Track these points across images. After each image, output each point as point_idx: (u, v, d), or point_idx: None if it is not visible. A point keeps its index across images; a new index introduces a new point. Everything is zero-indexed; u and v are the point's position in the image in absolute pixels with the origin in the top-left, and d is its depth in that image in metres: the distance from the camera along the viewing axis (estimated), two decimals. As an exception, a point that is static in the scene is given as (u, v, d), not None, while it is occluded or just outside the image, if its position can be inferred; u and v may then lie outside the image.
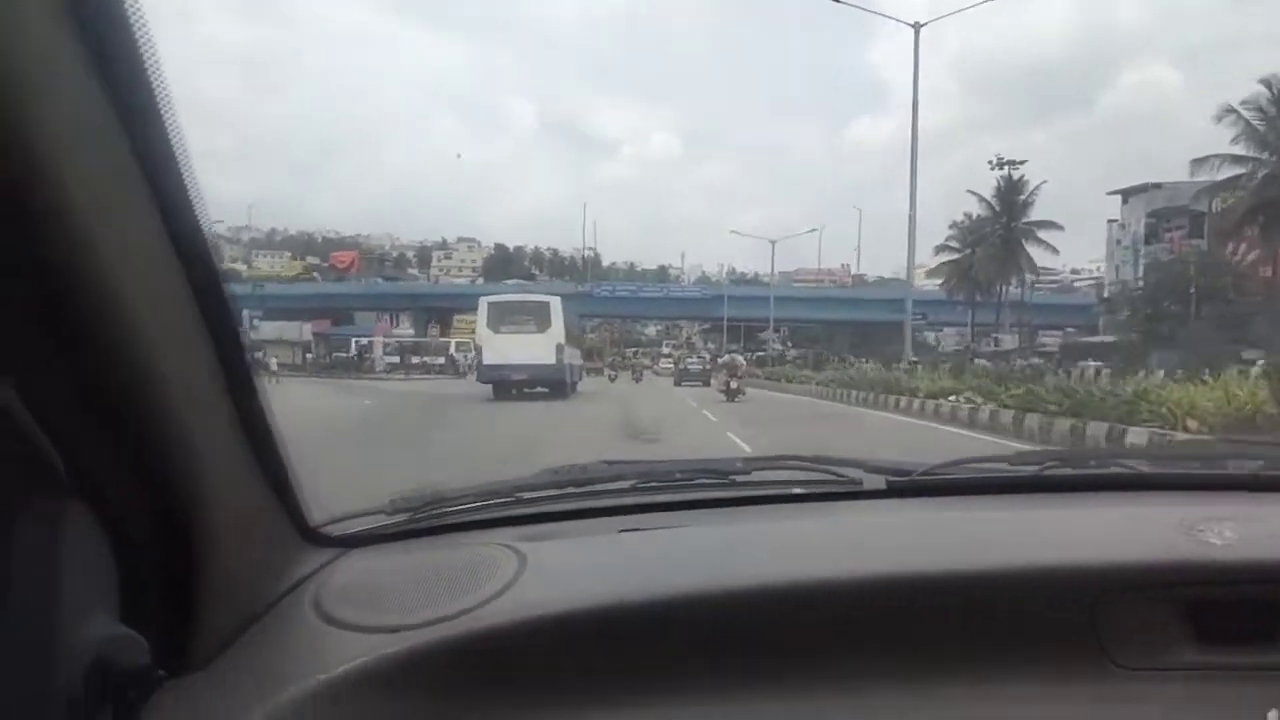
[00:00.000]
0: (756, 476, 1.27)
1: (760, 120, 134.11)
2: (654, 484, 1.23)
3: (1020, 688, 0.84)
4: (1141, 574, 0.89)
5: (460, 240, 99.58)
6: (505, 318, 22.44)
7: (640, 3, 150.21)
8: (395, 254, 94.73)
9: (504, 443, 9.37)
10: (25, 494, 0.59)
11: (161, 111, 0.57)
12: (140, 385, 0.61)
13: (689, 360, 39.02)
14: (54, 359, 0.56)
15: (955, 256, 44.52)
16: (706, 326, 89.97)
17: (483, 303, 22.29)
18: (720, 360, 24.71)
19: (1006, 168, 41.21)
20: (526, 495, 1.17)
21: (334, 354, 45.21)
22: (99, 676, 0.61)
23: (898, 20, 22.31)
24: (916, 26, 19.66)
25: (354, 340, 46.73)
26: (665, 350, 69.39)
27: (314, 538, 0.96)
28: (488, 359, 21.02)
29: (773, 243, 46.79)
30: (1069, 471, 1.28)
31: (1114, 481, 1.24)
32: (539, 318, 22.05)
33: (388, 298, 57.34)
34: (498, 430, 11.26)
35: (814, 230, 54.59)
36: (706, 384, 31.44)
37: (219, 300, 0.68)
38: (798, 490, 1.20)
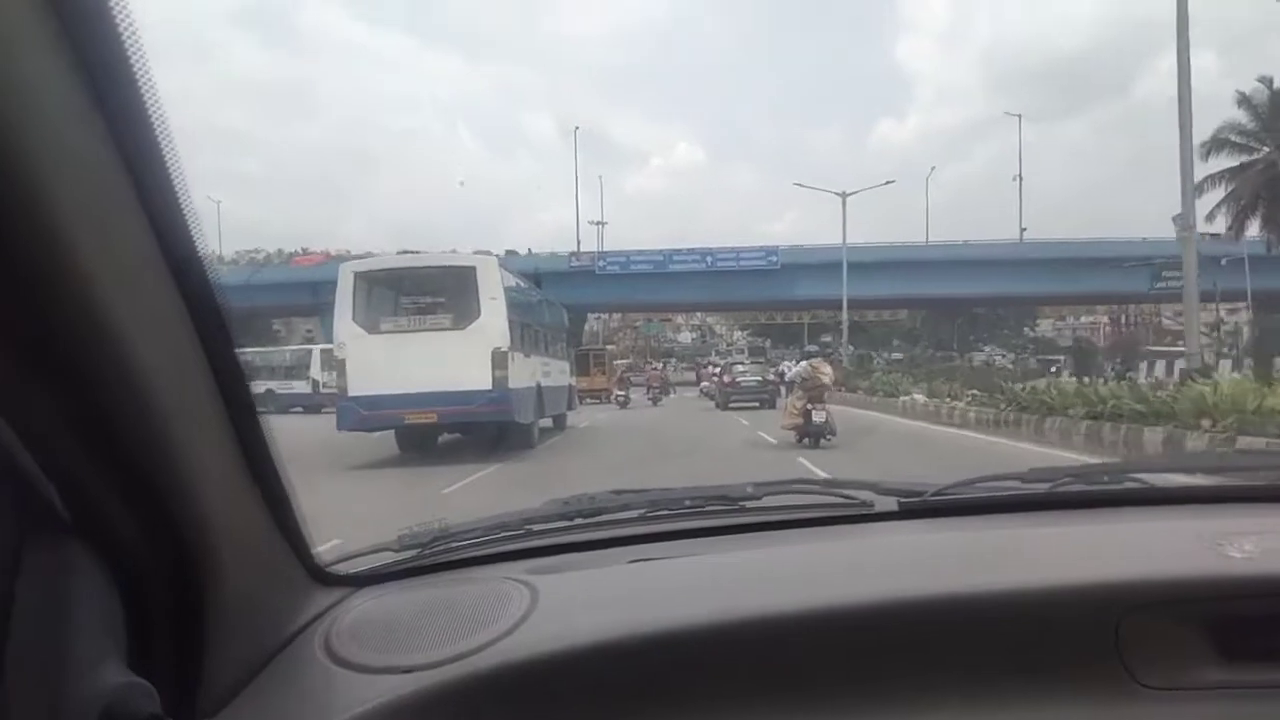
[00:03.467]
0: (768, 502, 1.42)
1: (784, 125, 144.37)
2: (664, 512, 1.42)
3: (1044, 710, 0.96)
4: (1164, 590, 1.01)
5: (476, 252, 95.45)
6: (389, 303, 14.35)
7: (658, 18, 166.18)
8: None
9: None
10: (26, 537, 0.66)
11: (157, 134, 0.64)
12: (141, 420, 0.68)
13: (737, 368, 28.89)
14: (50, 394, 0.63)
15: (1253, 156, 29.02)
16: (748, 328, 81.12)
17: (345, 272, 13.46)
18: (793, 370, 15.44)
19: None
20: (536, 527, 1.35)
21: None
22: None
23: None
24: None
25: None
26: (714, 358, 60.10)
27: (322, 577, 1.10)
28: (357, 385, 12.76)
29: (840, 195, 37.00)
30: (1083, 488, 1.44)
31: (1129, 497, 1.41)
32: (456, 298, 13.64)
33: (261, 290, 39.55)
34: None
35: (890, 182, 42.20)
36: (769, 405, 24.78)
37: (220, 330, 0.76)
38: (809, 514, 1.39)
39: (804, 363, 14.84)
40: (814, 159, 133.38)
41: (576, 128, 55.43)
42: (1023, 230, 48.99)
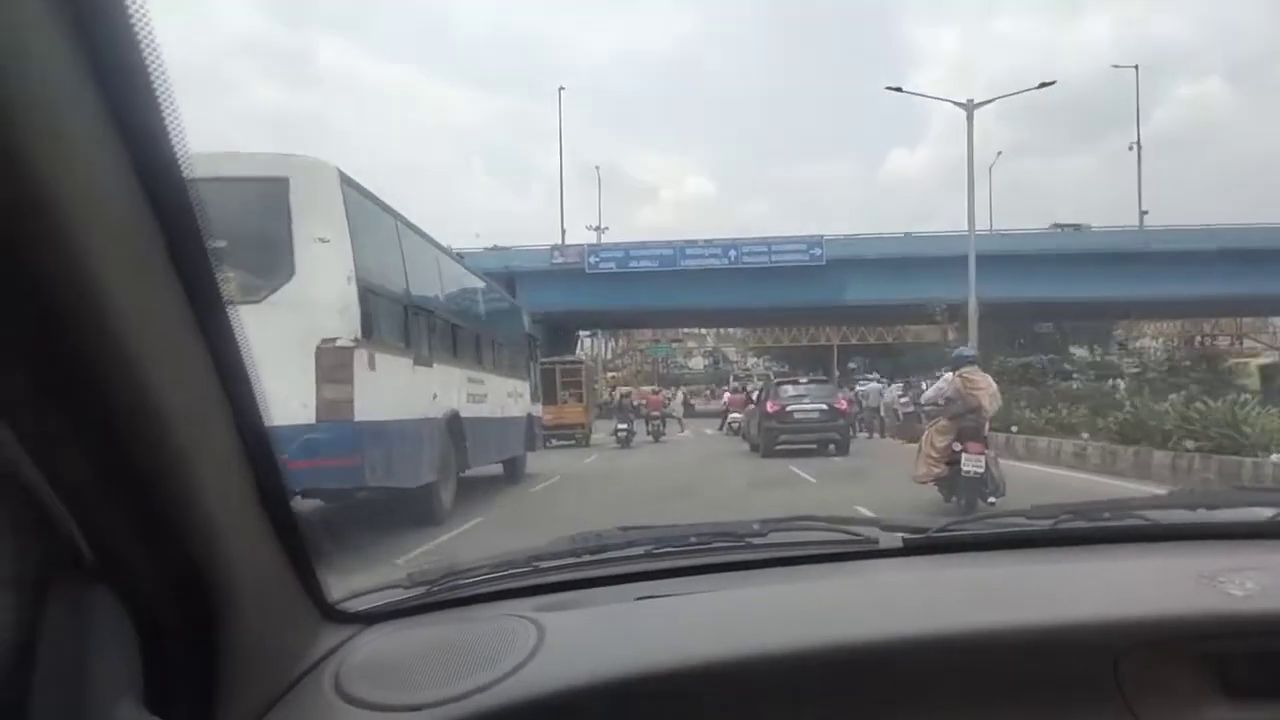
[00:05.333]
0: (773, 538, 1.52)
1: (793, 158, 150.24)
2: (669, 549, 1.50)
3: None
4: (1164, 628, 1.10)
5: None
6: None
7: (669, 51, 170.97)
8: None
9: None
10: (52, 577, 0.73)
11: (184, 175, 0.70)
12: (163, 462, 0.75)
13: (786, 390, 19.03)
14: (76, 439, 0.69)
15: None
16: (766, 353, 74.10)
17: None
18: (932, 388, 10.35)
19: None
20: (543, 564, 1.45)
21: None
22: None
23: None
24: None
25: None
26: (732, 384, 53.03)
27: (332, 614, 1.18)
28: None
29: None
30: (1085, 524, 1.54)
31: (1130, 533, 1.51)
32: (251, 240, 7.25)
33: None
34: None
35: (1049, 84, 25.56)
36: (840, 448, 18.21)
37: (240, 370, 0.82)
38: (815, 551, 1.48)
39: (948, 374, 9.61)
40: (824, 191, 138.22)
41: (561, 88, 48.56)
42: (1143, 214, 41.63)
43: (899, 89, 25.70)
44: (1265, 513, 1.51)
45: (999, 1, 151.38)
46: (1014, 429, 16.73)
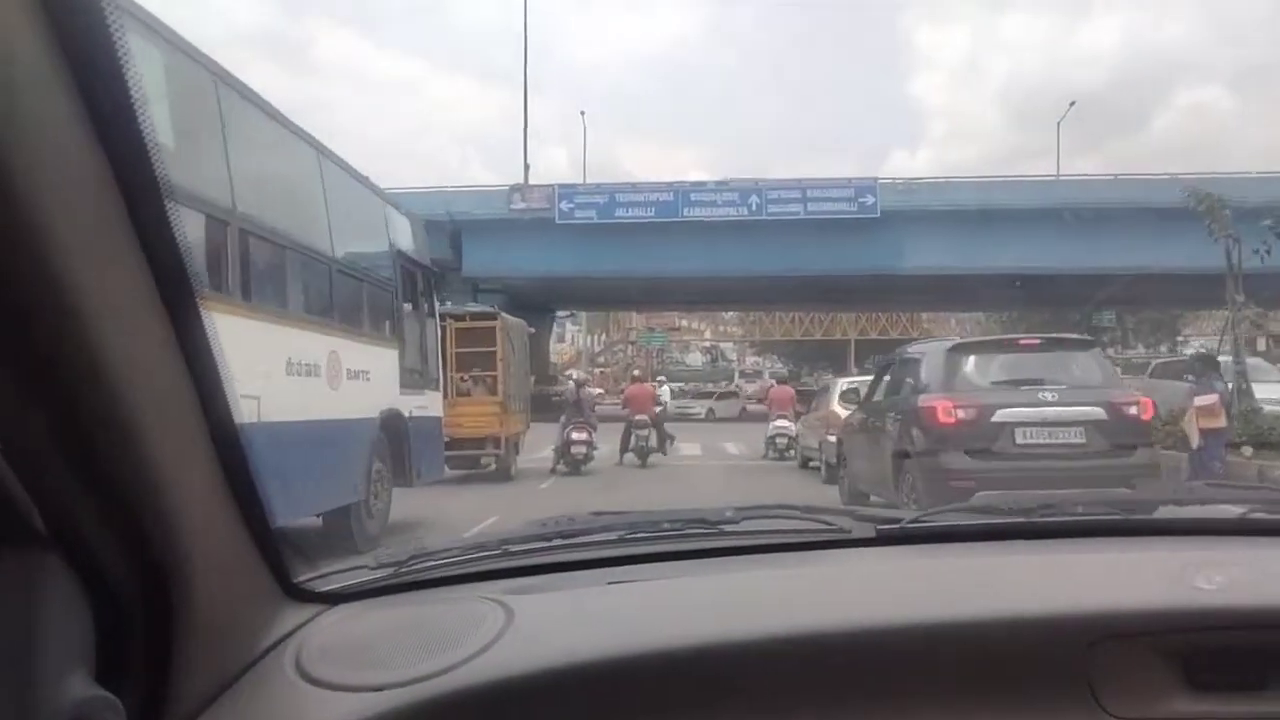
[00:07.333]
0: (746, 526, 1.57)
1: (794, 155, 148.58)
2: (642, 534, 1.54)
3: None
4: (1134, 620, 1.12)
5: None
6: None
7: (671, 48, 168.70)
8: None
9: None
10: (1, 546, 0.73)
11: (145, 140, 0.73)
12: (120, 430, 0.76)
13: (986, 374, 8.41)
14: (27, 401, 0.70)
15: None
16: (768, 351, 65.72)
17: None
18: None
19: None
20: (513, 548, 1.46)
21: None
22: None
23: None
24: None
25: None
26: (739, 383, 44.75)
27: (296, 593, 1.19)
28: None
29: None
30: (1058, 518, 1.62)
31: (1103, 527, 1.57)
32: None
33: None
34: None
35: None
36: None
37: (200, 336, 0.84)
38: (787, 539, 1.50)
39: None
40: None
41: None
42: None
43: None
44: (1235, 510, 1.60)
45: (1004, 5, 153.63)
46: None
